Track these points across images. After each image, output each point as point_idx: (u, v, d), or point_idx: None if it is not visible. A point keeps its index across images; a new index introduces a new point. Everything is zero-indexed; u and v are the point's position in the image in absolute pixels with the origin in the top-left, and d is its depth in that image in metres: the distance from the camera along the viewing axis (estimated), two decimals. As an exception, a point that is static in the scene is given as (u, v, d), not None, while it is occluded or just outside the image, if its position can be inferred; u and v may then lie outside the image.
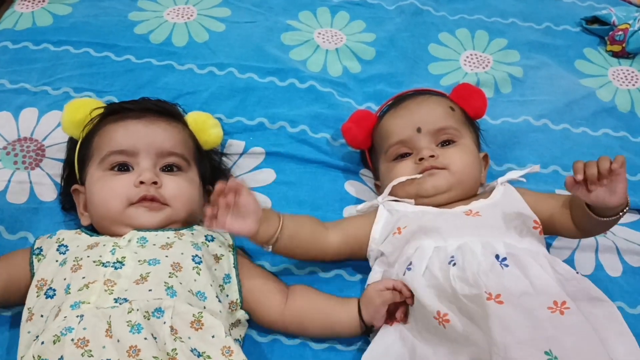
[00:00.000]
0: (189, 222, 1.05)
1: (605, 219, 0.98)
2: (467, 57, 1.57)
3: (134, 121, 1.07)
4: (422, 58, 1.55)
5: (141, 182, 1.00)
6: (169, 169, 1.05)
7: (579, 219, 1.03)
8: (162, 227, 1.00)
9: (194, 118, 1.18)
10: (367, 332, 1.00)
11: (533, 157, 1.32)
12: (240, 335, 0.99)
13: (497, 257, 0.94)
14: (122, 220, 1.00)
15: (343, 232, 1.08)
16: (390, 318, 0.98)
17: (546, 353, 0.83)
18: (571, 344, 0.84)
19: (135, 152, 1.03)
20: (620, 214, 0.98)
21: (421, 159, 1.10)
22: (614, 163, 0.90)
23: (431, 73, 1.52)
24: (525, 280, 0.91)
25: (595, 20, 1.67)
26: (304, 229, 1.05)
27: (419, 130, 1.13)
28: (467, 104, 1.21)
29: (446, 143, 1.13)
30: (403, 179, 1.10)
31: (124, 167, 1.04)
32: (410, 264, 0.98)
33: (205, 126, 1.18)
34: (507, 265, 0.92)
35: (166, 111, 1.13)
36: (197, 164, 1.11)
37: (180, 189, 1.03)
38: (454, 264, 0.94)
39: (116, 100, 1.28)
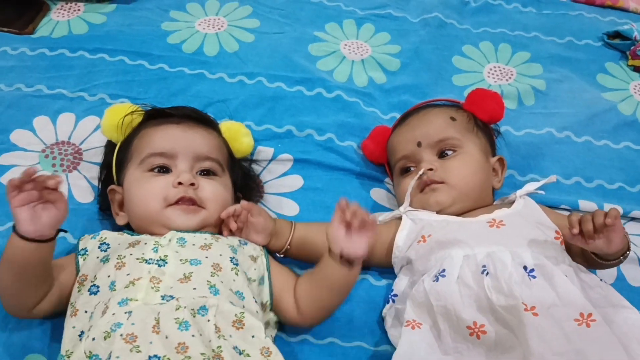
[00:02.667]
0: (220, 228, 1.08)
1: (608, 262, 1.02)
2: (491, 69, 1.59)
3: (173, 125, 1.11)
4: (446, 70, 1.58)
5: (179, 183, 1.03)
6: (204, 173, 1.08)
7: (587, 256, 1.05)
8: (197, 229, 1.03)
9: (227, 127, 1.22)
10: (350, 265, 0.95)
11: (556, 168, 1.34)
12: (271, 336, 1.01)
13: (524, 268, 0.95)
14: (160, 221, 1.02)
15: None
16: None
17: None
18: (600, 356, 0.86)
19: (174, 154, 1.06)
20: (622, 257, 1.01)
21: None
22: (607, 218, 0.92)
23: (455, 84, 1.54)
24: (552, 292, 0.92)
25: (617, 35, 1.69)
26: (317, 239, 1.08)
27: (419, 144, 1.16)
28: (480, 109, 1.22)
29: (446, 154, 1.15)
30: (409, 189, 1.13)
31: (162, 169, 1.06)
32: (444, 270, 0.99)
33: (238, 135, 1.22)
34: (534, 277, 0.94)
35: (203, 119, 1.17)
36: (230, 171, 1.14)
37: (215, 192, 1.06)
38: (487, 274, 0.96)
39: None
